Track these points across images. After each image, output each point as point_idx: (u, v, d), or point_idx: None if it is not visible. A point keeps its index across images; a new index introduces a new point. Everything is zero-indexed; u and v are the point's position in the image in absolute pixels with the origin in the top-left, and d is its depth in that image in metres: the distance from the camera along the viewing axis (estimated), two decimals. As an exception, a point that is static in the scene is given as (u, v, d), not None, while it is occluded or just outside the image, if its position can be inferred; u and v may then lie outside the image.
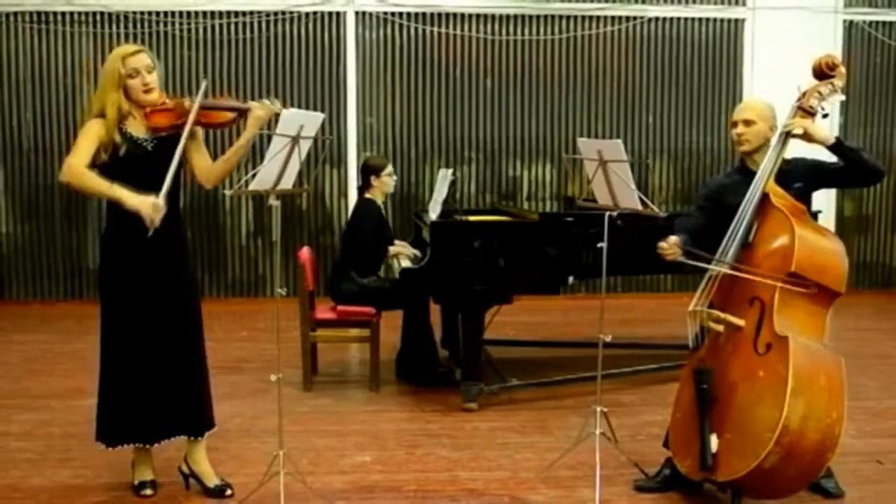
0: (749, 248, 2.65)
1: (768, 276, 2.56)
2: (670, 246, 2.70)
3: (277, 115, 2.66)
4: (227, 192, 2.79)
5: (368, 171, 4.21)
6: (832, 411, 2.46)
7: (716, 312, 2.67)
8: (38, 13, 6.07)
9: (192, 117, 2.57)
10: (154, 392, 2.68)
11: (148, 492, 2.78)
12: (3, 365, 4.55)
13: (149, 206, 2.49)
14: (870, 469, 3.07)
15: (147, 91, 2.61)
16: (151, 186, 2.55)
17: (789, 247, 2.53)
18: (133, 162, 2.60)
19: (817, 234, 2.61)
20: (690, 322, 2.70)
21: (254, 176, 2.68)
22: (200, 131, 2.75)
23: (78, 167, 2.54)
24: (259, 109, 2.63)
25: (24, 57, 6.10)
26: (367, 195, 4.21)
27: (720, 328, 2.65)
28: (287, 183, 2.70)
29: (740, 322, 2.61)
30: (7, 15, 6.05)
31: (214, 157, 2.82)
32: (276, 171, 2.64)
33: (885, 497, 2.84)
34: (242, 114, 2.70)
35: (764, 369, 2.52)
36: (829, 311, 2.62)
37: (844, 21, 6.55)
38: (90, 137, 2.57)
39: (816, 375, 2.48)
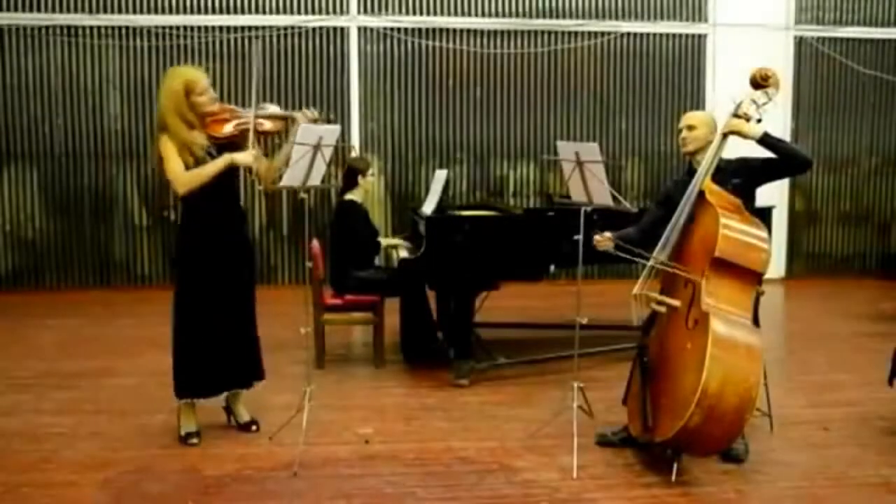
0: (686, 239, 2.72)
1: (684, 270, 2.63)
2: (603, 239, 2.86)
3: (316, 121, 2.89)
4: (260, 188, 2.90)
5: (356, 172, 4.05)
6: (749, 377, 2.51)
7: (655, 295, 2.74)
8: (68, 27, 5.99)
9: (252, 126, 2.78)
10: (227, 348, 2.94)
11: (194, 440, 2.93)
12: (38, 347, 4.52)
13: (250, 158, 2.79)
14: (818, 436, 3.10)
15: (211, 103, 2.84)
16: (217, 186, 2.80)
17: (714, 236, 2.60)
18: (198, 166, 2.80)
19: (742, 223, 2.65)
20: (635, 304, 2.75)
21: (280, 177, 2.87)
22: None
23: (182, 175, 2.78)
24: (302, 118, 2.86)
25: (55, 68, 6.03)
26: (350, 196, 4.04)
27: (662, 309, 2.73)
28: (315, 180, 2.85)
29: (676, 303, 2.68)
30: (39, 29, 5.97)
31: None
32: (303, 172, 2.79)
33: (832, 460, 2.86)
34: (288, 121, 2.92)
35: (691, 342, 2.59)
36: (754, 289, 2.67)
37: (795, 37, 6.57)
38: (171, 150, 2.78)
39: (735, 345, 2.54)
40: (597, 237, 2.87)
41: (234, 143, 2.86)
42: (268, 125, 2.88)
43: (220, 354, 2.93)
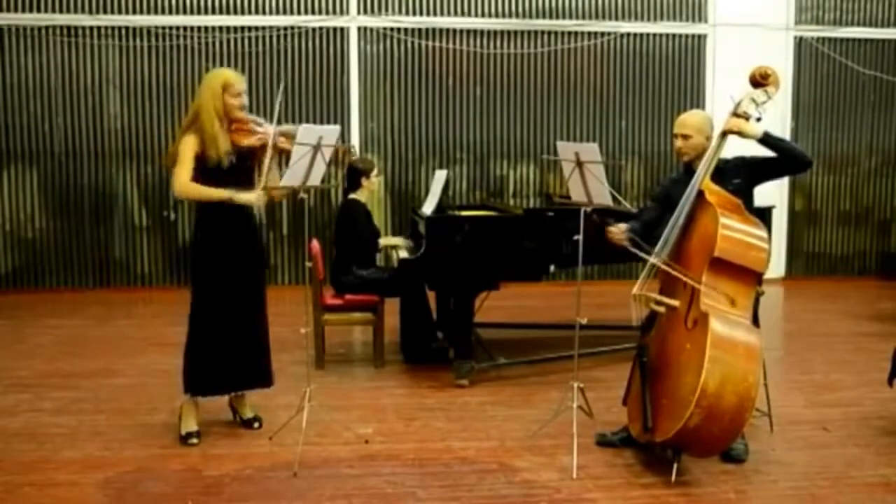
0: (686, 238, 2.71)
1: (687, 275, 2.62)
2: (619, 231, 2.80)
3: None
4: (259, 188, 2.93)
5: (359, 174, 4.05)
6: (748, 376, 2.51)
7: (654, 295, 2.73)
8: (68, 27, 5.99)
9: (271, 141, 2.83)
10: (236, 350, 2.96)
11: (194, 440, 2.95)
12: (38, 347, 4.52)
13: (253, 197, 2.85)
14: (817, 436, 3.10)
15: (241, 109, 2.87)
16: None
17: (713, 235, 2.59)
18: (218, 171, 2.84)
19: (742, 222, 2.65)
20: (634, 304, 2.74)
21: (281, 177, 2.89)
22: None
23: (185, 184, 2.82)
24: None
25: (54, 67, 6.03)
26: (354, 196, 4.07)
27: (661, 309, 2.72)
28: (315, 180, 2.86)
29: (675, 303, 2.67)
30: (39, 29, 5.97)
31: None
32: (303, 172, 2.80)
33: (831, 460, 2.86)
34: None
35: (691, 342, 2.58)
36: (753, 289, 2.67)
37: (795, 37, 6.57)
38: (189, 152, 2.81)
39: (734, 345, 2.53)
40: (611, 228, 2.80)
41: (253, 153, 2.91)
42: (286, 144, 2.91)
43: (231, 356, 2.97)
